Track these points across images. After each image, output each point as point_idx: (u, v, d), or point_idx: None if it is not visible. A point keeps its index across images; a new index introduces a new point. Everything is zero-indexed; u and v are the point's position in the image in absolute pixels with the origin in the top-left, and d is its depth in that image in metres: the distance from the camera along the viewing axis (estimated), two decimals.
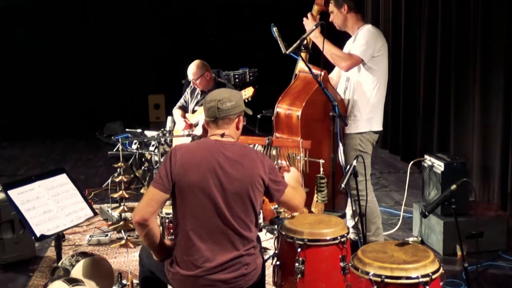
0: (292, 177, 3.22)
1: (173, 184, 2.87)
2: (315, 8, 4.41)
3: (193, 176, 2.86)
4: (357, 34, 4.30)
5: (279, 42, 4.10)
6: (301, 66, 4.53)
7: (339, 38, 4.46)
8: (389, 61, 4.45)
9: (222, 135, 2.96)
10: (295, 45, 4.06)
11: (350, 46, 4.32)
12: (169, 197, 2.93)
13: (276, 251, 3.33)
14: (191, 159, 2.89)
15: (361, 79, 4.28)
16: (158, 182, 2.88)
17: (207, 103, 2.97)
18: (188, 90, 5.88)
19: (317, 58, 4.33)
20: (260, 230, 4.04)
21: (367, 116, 4.30)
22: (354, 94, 4.32)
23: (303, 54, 4.23)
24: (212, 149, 2.92)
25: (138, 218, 2.85)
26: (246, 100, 5.40)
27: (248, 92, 5.44)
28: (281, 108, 4.40)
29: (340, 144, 4.40)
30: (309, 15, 4.35)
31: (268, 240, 4.52)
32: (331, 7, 4.33)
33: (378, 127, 4.38)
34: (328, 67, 4.37)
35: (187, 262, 2.89)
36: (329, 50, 4.23)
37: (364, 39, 4.21)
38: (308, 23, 4.30)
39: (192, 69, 5.60)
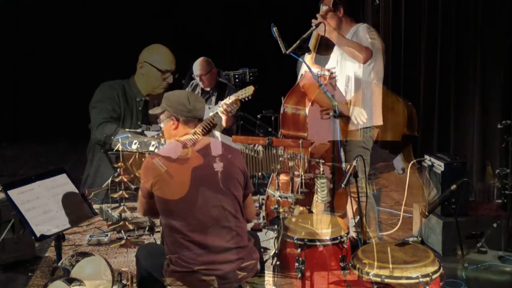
0: None
1: (153, 191, 2.97)
2: (324, 9, 4.37)
3: (172, 176, 2.92)
4: (356, 31, 4.33)
5: (279, 42, 4.10)
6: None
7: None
8: (389, 61, 4.46)
9: (194, 134, 3.07)
10: (295, 45, 4.05)
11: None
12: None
13: (276, 251, 3.33)
14: (167, 161, 2.96)
15: (365, 75, 4.31)
16: (145, 191, 3.03)
17: (197, 102, 3.07)
18: (188, 90, 5.85)
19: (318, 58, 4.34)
20: (260, 230, 4.05)
21: (370, 111, 4.35)
22: (357, 90, 4.35)
23: (307, 55, 4.23)
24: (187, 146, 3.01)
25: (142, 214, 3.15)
26: (246, 99, 5.34)
27: (248, 91, 5.30)
28: (288, 106, 4.38)
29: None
30: (318, 16, 4.30)
31: (268, 240, 4.52)
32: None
33: (380, 121, 4.44)
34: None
35: (181, 260, 2.91)
36: (345, 44, 4.24)
37: (369, 35, 4.27)
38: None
39: (201, 64, 5.65)
